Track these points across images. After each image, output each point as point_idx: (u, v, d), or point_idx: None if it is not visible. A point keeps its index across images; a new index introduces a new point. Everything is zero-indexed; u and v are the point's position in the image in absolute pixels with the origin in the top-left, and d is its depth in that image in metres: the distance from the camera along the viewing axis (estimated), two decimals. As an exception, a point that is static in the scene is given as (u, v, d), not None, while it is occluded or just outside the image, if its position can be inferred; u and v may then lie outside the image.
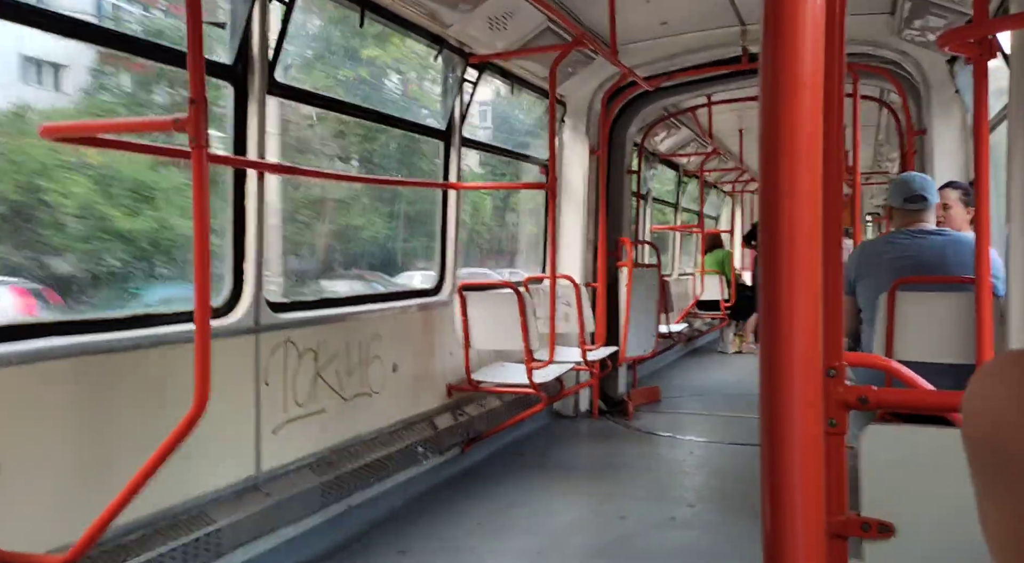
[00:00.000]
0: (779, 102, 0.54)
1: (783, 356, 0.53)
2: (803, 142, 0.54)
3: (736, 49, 5.65)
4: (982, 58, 2.70)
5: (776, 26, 0.54)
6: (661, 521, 3.97)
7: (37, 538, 2.40)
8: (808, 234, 0.54)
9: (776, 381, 0.53)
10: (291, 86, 3.53)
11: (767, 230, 0.54)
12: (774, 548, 0.54)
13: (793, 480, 0.53)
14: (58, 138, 2.29)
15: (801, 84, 0.54)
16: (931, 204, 3.57)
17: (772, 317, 0.53)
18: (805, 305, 0.53)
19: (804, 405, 0.53)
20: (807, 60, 0.54)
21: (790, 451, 0.53)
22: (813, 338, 0.54)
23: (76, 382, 2.57)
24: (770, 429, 0.54)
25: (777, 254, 0.53)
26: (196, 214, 2.15)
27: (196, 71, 2.07)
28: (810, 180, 0.53)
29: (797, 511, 0.53)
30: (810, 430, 0.54)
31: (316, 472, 3.61)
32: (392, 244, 6.54)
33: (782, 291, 0.53)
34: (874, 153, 10.54)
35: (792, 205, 0.53)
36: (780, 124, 0.54)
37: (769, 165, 0.54)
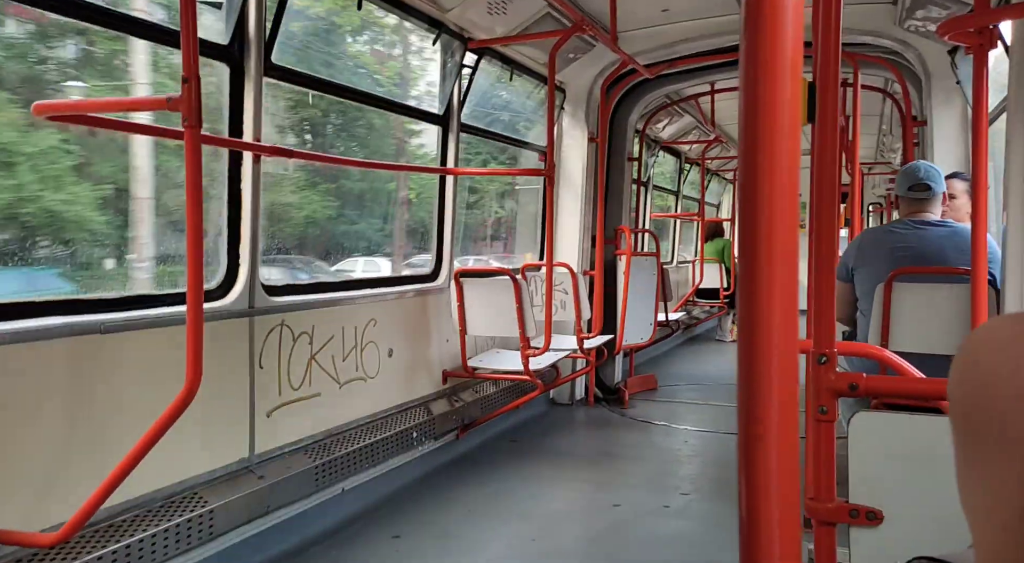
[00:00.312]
0: (758, 87, 0.54)
1: (759, 338, 0.52)
2: (781, 129, 0.53)
3: (737, 37, 5.59)
4: (983, 48, 2.68)
5: (755, 12, 0.53)
6: (655, 509, 3.99)
7: (29, 517, 2.40)
8: (785, 230, 0.53)
9: (752, 363, 0.53)
10: (288, 68, 3.50)
11: (745, 214, 0.53)
12: (750, 539, 0.54)
13: (769, 468, 0.53)
14: (50, 116, 2.27)
15: (780, 71, 0.53)
16: (936, 194, 3.54)
17: (749, 302, 0.53)
18: (782, 288, 0.52)
19: (781, 390, 0.52)
20: (786, 46, 0.53)
21: (766, 436, 0.53)
22: (790, 319, 0.53)
23: (69, 362, 2.56)
24: (747, 414, 0.53)
25: (756, 251, 0.53)
26: (189, 195, 2.13)
27: (189, 50, 2.05)
28: (788, 172, 0.53)
29: (772, 501, 0.53)
30: (787, 415, 0.53)
31: (310, 456, 3.61)
32: (333, 226, 5.95)
33: (760, 274, 0.52)
34: (877, 143, 10.50)
35: (769, 193, 0.52)
36: (759, 108, 0.53)
37: (748, 153, 0.53)
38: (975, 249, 2.76)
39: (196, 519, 2.94)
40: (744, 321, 0.53)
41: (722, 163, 11.66)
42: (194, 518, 2.93)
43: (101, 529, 2.64)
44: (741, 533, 0.55)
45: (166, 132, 2.53)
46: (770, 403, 0.52)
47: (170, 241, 3.68)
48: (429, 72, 5.02)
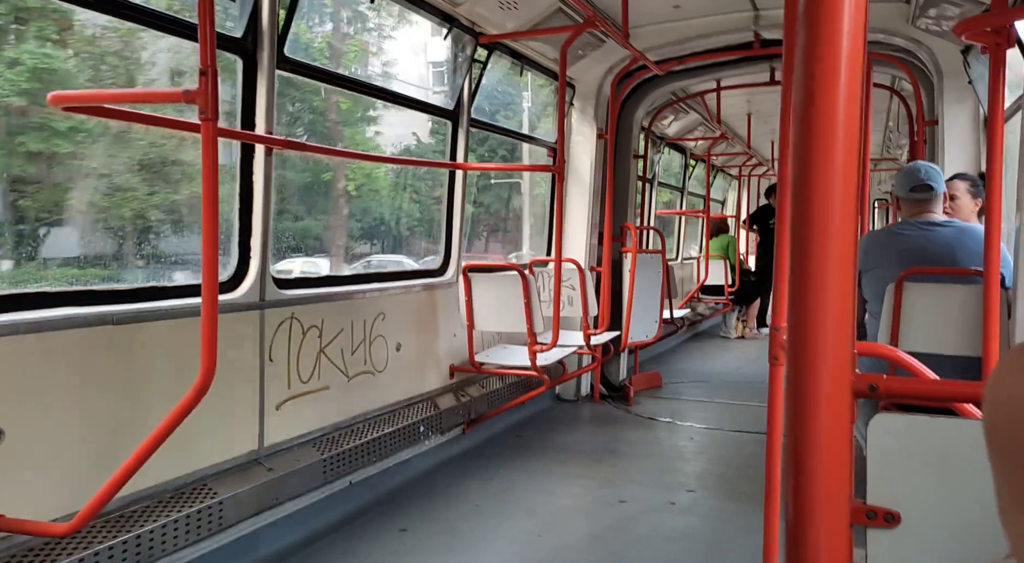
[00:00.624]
0: (815, 88, 0.53)
1: (813, 344, 0.52)
2: (842, 131, 0.53)
3: (748, 34, 5.60)
4: (999, 47, 2.67)
5: (815, 8, 0.53)
6: (660, 506, 3.99)
7: (42, 506, 2.42)
8: (844, 229, 0.53)
9: (805, 368, 0.53)
10: (300, 61, 3.50)
11: (800, 220, 0.53)
12: (797, 537, 0.54)
13: (821, 472, 0.53)
14: (67, 107, 2.28)
15: (840, 69, 0.53)
16: (938, 194, 3.53)
17: (803, 304, 0.53)
18: (839, 295, 0.52)
19: (833, 393, 0.53)
20: (846, 43, 0.53)
21: (817, 440, 0.53)
22: (845, 326, 0.53)
23: (83, 353, 2.57)
24: (795, 417, 0.54)
25: (809, 243, 0.53)
26: (205, 188, 2.14)
27: (207, 42, 2.05)
28: (847, 169, 0.52)
29: (820, 500, 0.53)
30: (839, 419, 0.53)
31: (318, 448, 3.63)
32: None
33: (813, 280, 0.52)
34: (883, 140, 10.47)
35: (827, 195, 0.52)
36: (816, 111, 0.53)
37: (803, 150, 0.53)
38: (989, 250, 2.76)
39: (206, 510, 2.95)
40: (797, 325, 0.53)
41: (727, 159, 11.63)
42: (204, 509, 2.94)
43: (112, 519, 2.65)
44: (788, 538, 0.55)
45: (182, 125, 2.54)
46: (819, 409, 0.52)
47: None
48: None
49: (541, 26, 4.91)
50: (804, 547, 0.53)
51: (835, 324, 0.52)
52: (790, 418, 0.53)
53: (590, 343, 5.49)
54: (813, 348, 0.52)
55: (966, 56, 4.78)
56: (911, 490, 1.34)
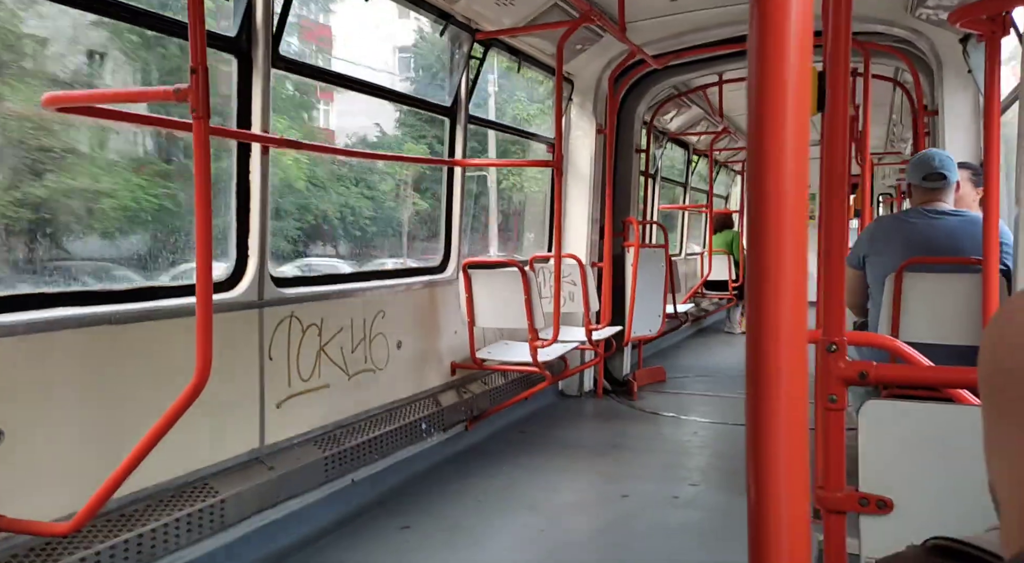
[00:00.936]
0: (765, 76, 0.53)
1: (767, 327, 0.52)
2: (789, 118, 0.52)
3: (746, 27, 5.57)
4: (995, 35, 2.65)
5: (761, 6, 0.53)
6: (664, 500, 3.99)
7: (43, 506, 2.42)
8: (795, 215, 0.53)
9: (761, 353, 0.53)
10: (295, 59, 3.50)
11: (754, 210, 0.53)
12: (757, 533, 0.54)
13: (777, 460, 0.53)
14: (60, 108, 2.28)
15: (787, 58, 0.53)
16: (950, 183, 3.50)
17: (758, 291, 0.53)
18: (792, 276, 0.52)
19: (789, 378, 0.52)
20: (793, 32, 0.53)
21: (775, 427, 0.52)
22: (799, 309, 0.53)
23: (82, 352, 2.58)
24: (755, 405, 0.53)
25: (765, 234, 0.52)
26: (198, 186, 2.14)
27: (197, 40, 2.05)
28: (797, 158, 0.52)
29: (782, 491, 0.52)
30: (797, 405, 0.53)
31: (320, 447, 3.63)
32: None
33: (768, 263, 0.52)
34: (887, 133, 10.43)
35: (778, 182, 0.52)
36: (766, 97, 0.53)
37: (756, 142, 0.53)
38: (987, 238, 2.74)
39: (207, 509, 2.96)
40: (753, 309, 0.53)
41: (731, 154, 11.60)
42: (205, 508, 2.95)
43: (113, 518, 2.66)
44: (750, 523, 0.55)
45: (175, 124, 2.54)
46: (779, 391, 0.52)
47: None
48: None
49: (538, 21, 4.91)
50: (766, 544, 0.53)
51: (790, 315, 0.51)
52: (751, 410, 0.53)
53: (591, 338, 5.48)
54: (767, 329, 0.52)
55: (965, 45, 4.76)
56: (903, 476, 1.34)
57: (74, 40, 3.51)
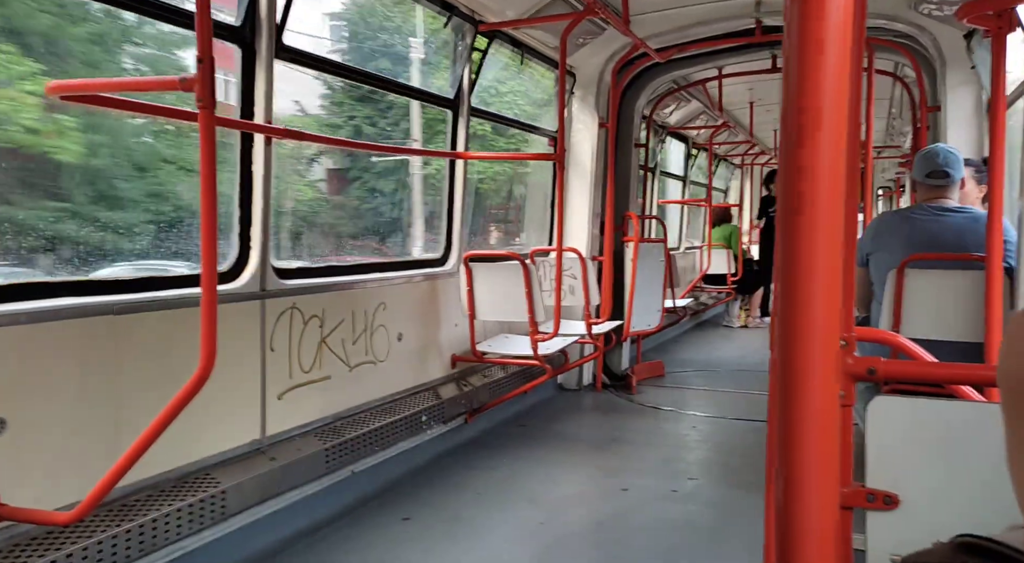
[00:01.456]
0: (804, 69, 0.53)
1: (801, 328, 0.52)
2: (827, 111, 0.52)
3: (749, 21, 5.57)
4: (1001, 31, 2.65)
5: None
6: (663, 494, 4.00)
7: (45, 495, 2.42)
8: (830, 205, 0.52)
9: (793, 353, 0.53)
10: (299, 50, 3.49)
11: (787, 203, 0.53)
12: (786, 521, 0.54)
13: (809, 453, 0.53)
14: (63, 96, 2.27)
15: (827, 52, 0.53)
16: (955, 180, 3.49)
17: (791, 288, 0.52)
18: (826, 279, 0.52)
19: (822, 377, 0.52)
20: (833, 26, 0.52)
21: (806, 423, 0.53)
22: (833, 309, 0.53)
23: (85, 342, 2.58)
24: (785, 401, 0.53)
25: (797, 225, 0.52)
26: (203, 177, 2.13)
27: (204, 30, 2.04)
28: (834, 151, 0.52)
29: (812, 484, 0.53)
30: (828, 402, 0.53)
31: (321, 438, 3.63)
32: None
33: (802, 263, 0.52)
34: (887, 127, 10.44)
35: (815, 177, 0.51)
36: (804, 91, 0.53)
37: (790, 137, 0.52)
38: (990, 235, 2.75)
39: (208, 499, 2.96)
40: (786, 308, 0.53)
41: (730, 148, 11.59)
42: (206, 498, 2.95)
43: (115, 508, 2.66)
44: (777, 519, 0.55)
45: (180, 113, 2.53)
46: (811, 393, 0.52)
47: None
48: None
49: (541, 13, 4.89)
50: (795, 531, 0.52)
51: (823, 305, 0.52)
52: (781, 402, 0.53)
53: (592, 332, 5.48)
54: (801, 329, 0.52)
55: (969, 41, 4.75)
56: (910, 473, 1.34)
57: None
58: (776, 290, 0.55)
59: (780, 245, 0.55)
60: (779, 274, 0.55)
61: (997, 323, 2.73)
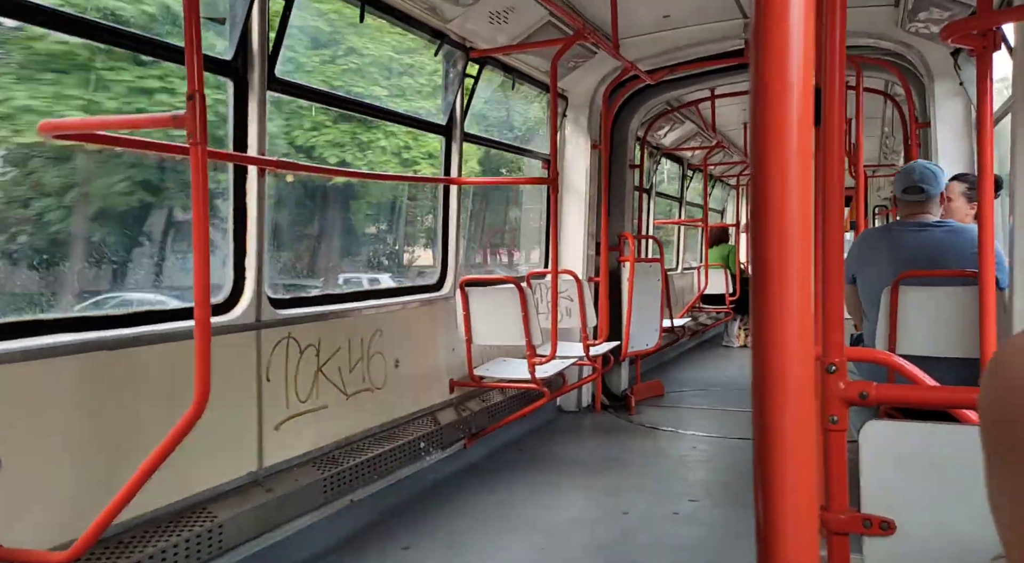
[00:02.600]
0: (768, 96, 0.54)
1: (773, 349, 0.52)
2: (793, 133, 0.53)
3: (739, 42, 5.63)
4: (986, 50, 2.68)
5: (765, 20, 0.54)
6: (664, 516, 3.97)
7: (40, 534, 2.40)
8: (801, 230, 0.53)
9: (767, 375, 0.53)
10: (291, 81, 3.52)
11: (757, 224, 0.53)
12: (767, 546, 0.54)
13: (784, 476, 0.53)
14: (57, 135, 2.28)
15: (789, 79, 0.53)
16: (931, 195, 3.52)
17: (762, 310, 0.53)
18: (797, 297, 0.52)
19: (795, 399, 0.52)
20: (796, 54, 0.53)
21: (781, 447, 0.53)
22: (805, 330, 0.53)
23: (79, 378, 2.57)
24: (761, 426, 0.53)
25: (766, 244, 0.53)
26: (195, 211, 2.14)
27: (194, 66, 2.06)
28: (801, 175, 0.52)
29: (789, 509, 0.52)
30: (803, 426, 0.53)
31: (318, 468, 3.61)
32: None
33: (772, 284, 0.52)
34: (880, 145, 10.50)
35: (783, 200, 0.52)
36: (768, 117, 0.54)
37: (759, 160, 0.53)
38: (983, 251, 2.76)
39: (205, 533, 2.93)
40: (758, 329, 0.53)
41: (725, 169, 11.65)
42: (203, 532, 2.93)
43: (111, 546, 2.64)
44: (758, 545, 0.55)
45: (172, 148, 2.54)
46: (785, 413, 0.52)
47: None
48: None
49: (532, 39, 4.94)
50: (773, 554, 0.52)
51: (796, 328, 0.52)
52: (758, 428, 0.53)
53: (589, 354, 5.47)
54: (774, 353, 0.52)
55: (956, 58, 4.80)
56: (906, 497, 1.34)
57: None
58: (751, 312, 0.56)
59: (752, 264, 0.56)
60: (752, 296, 0.55)
61: (991, 338, 2.73)
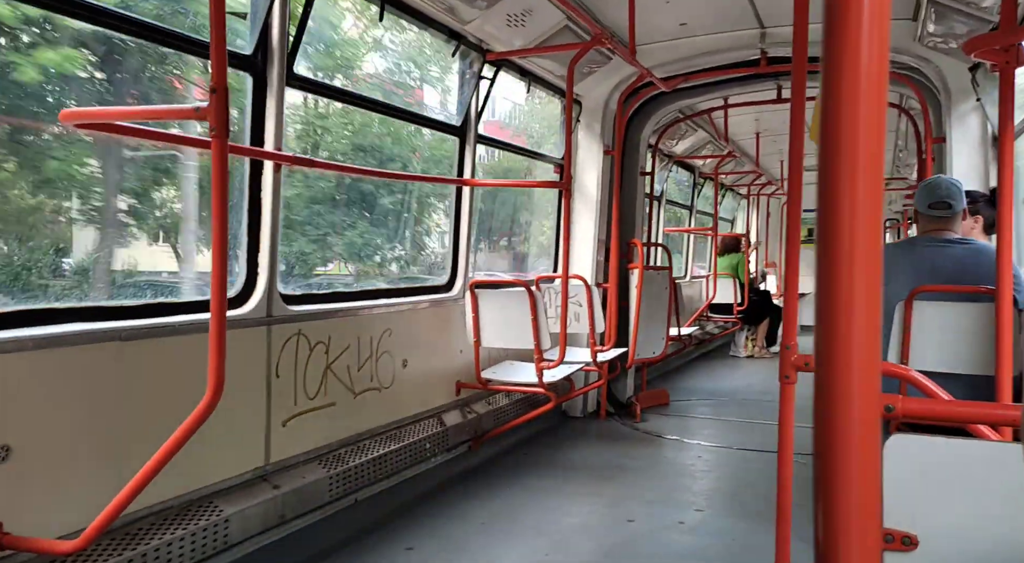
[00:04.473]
0: (841, 107, 0.53)
1: (842, 365, 0.52)
2: (865, 148, 0.52)
3: (755, 52, 5.62)
4: (1008, 66, 2.67)
5: (838, 29, 0.53)
6: (669, 525, 3.95)
7: (48, 523, 2.40)
8: (869, 243, 0.52)
9: (834, 391, 0.52)
10: (309, 78, 3.52)
11: (824, 241, 0.53)
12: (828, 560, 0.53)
13: (851, 491, 0.52)
14: (78, 124, 2.29)
15: (863, 90, 0.53)
16: (956, 212, 3.48)
17: (831, 327, 0.52)
18: (866, 314, 0.51)
19: (863, 415, 0.52)
20: (870, 64, 0.53)
21: (847, 462, 0.52)
22: (874, 347, 0.53)
23: (91, 369, 2.57)
24: (826, 439, 0.53)
25: (837, 264, 0.52)
26: (215, 204, 2.14)
27: (218, 60, 2.06)
28: (871, 188, 0.52)
29: (853, 523, 0.52)
30: (869, 440, 0.53)
31: (324, 465, 3.61)
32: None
33: (841, 300, 0.52)
34: (893, 159, 10.48)
35: (853, 214, 0.51)
36: (841, 130, 0.53)
37: (828, 173, 0.52)
38: (1001, 268, 2.74)
39: (211, 527, 2.93)
40: (824, 344, 0.53)
41: (736, 178, 11.63)
42: (209, 526, 2.93)
43: (118, 537, 2.63)
44: (817, 558, 0.54)
45: (192, 141, 2.55)
46: (851, 432, 0.51)
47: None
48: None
49: (548, 43, 4.94)
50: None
51: (863, 344, 0.51)
52: (819, 442, 0.53)
53: (597, 360, 5.46)
54: (842, 369, 0.52)
55: (974, 74, 4.78)
56: (928, 513, 1.32)
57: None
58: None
59: (818, 284, 0.56)
60: (818, 311, 0.55)
61: (1007, 356, 2.71)
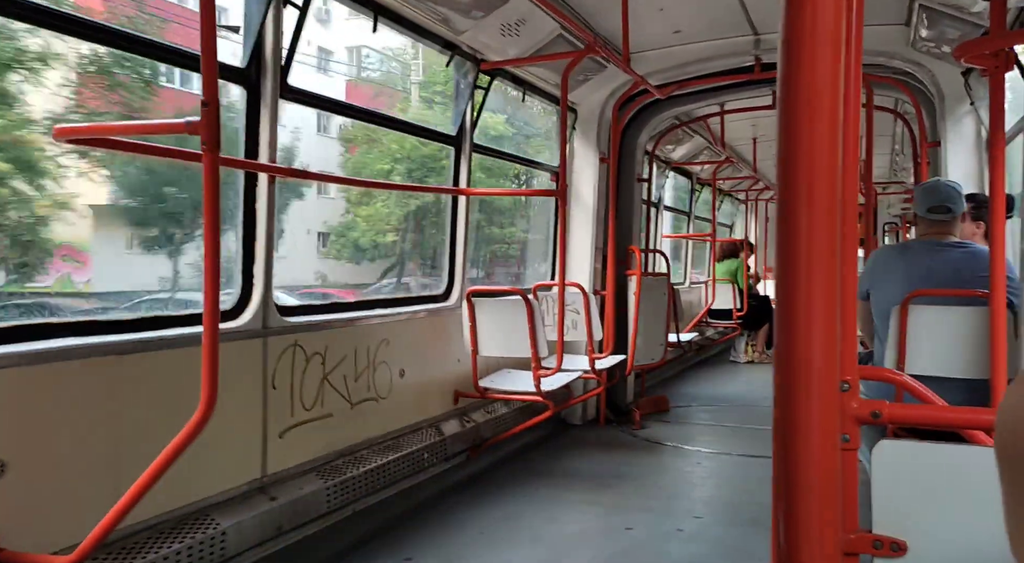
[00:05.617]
0: (797, 114, 0.53)
1: (799, 370, 0.52)
2: (821, 153, 0.52)
3: (749, 58, 5.64)
4: (998, 70, 2.68)
5: (794, 39, 0.53)
6: (668, 532, 3.94)
7: (44, 538, 2.40)
8: (825, 246, 0.52)
9: (792, 395, 0.52)
10: (303, 90, 3.53)
11: (783, 242, 0.53)
12: None
13: (810, 497, 0.52)
14: (71, 140, 2.29)
15: (818, 96, 0.53)
16: (956, 215, 3.48)
17: (788, 330, 0.52)
18: (823, 319, 0.51)
19: (821, 420, 0.52)
20: (824, 72, 0.53)
21: (806, 467, 0.52)
22: (831, 351, 0.53)
23: (86, 383, 2.57)
24: (784, 444, 0.53)
25: (795, 266, 0.52)
26: (207, 217, 2.14)
27: (209, 74, 2.07)
28: (827, 192, 0.52)
29: (813, 529, 0.52)
30: (827, 445, 0.53)
31: (322, 476, 3.60)
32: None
33: (799, 304, 0.52)
34: (890, 163, 10.50)
35: (810, 217, 0.52)
36: (798, 136, 0.53)
37: (787, 177, 0.53)
38: (993, 271, 2.74)
39: (208, 540, 2.93)
40: (782, 348, 0.53)
41: (734, 184, 11.65)
42: (206, 539, 2.92)
43: (114, 550, 2.63)
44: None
45: (184, 155, 2.55)
46: (809, 436, 0.51)
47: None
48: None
49: (543, 52, 4.95)
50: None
51: (821, 348, 0.51)
52: (781, 448, 0.53)
53: (595, 367, 5.46)
54: (799, 373, 0.52)
55: (967, 78, 4.80)
56: (918, 519, 1.32)
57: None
58: (776, 332, 0.55)
59: (776, 286, 0.56)
60: (778, 317, 0.55)
61: (1002, 360, 2.71)
